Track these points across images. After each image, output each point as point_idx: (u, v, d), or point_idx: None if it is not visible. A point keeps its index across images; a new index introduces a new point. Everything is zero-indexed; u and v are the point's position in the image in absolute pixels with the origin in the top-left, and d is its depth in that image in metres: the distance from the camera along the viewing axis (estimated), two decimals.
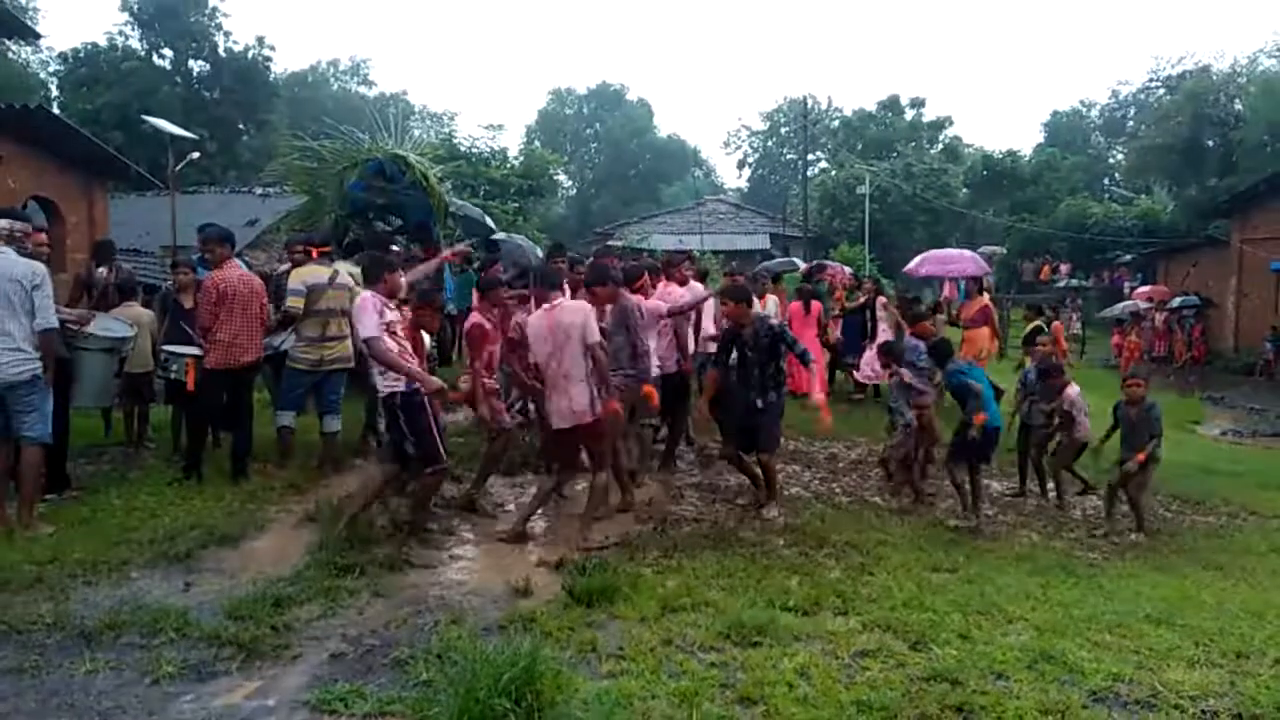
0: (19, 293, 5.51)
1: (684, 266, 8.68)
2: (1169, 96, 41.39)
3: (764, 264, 16.42)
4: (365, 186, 10.33)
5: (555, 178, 35.75)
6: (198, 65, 39.58)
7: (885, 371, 8.09)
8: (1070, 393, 8.27)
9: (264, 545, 5.61)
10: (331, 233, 9.51)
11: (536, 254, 12.56)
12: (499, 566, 5.36)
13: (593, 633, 4.25)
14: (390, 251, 8.40)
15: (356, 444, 7.96)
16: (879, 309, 12.46)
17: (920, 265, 19.24)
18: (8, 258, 5.57)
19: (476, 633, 4.19)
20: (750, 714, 3.58)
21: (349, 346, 7.28)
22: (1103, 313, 28.30)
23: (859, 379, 12.45)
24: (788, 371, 7.37)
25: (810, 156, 50.28)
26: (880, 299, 12.63)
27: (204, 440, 7.23)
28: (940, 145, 50.65)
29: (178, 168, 17.50)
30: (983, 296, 12.31)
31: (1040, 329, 11.15)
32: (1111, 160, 55.97)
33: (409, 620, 4.45)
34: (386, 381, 5.59)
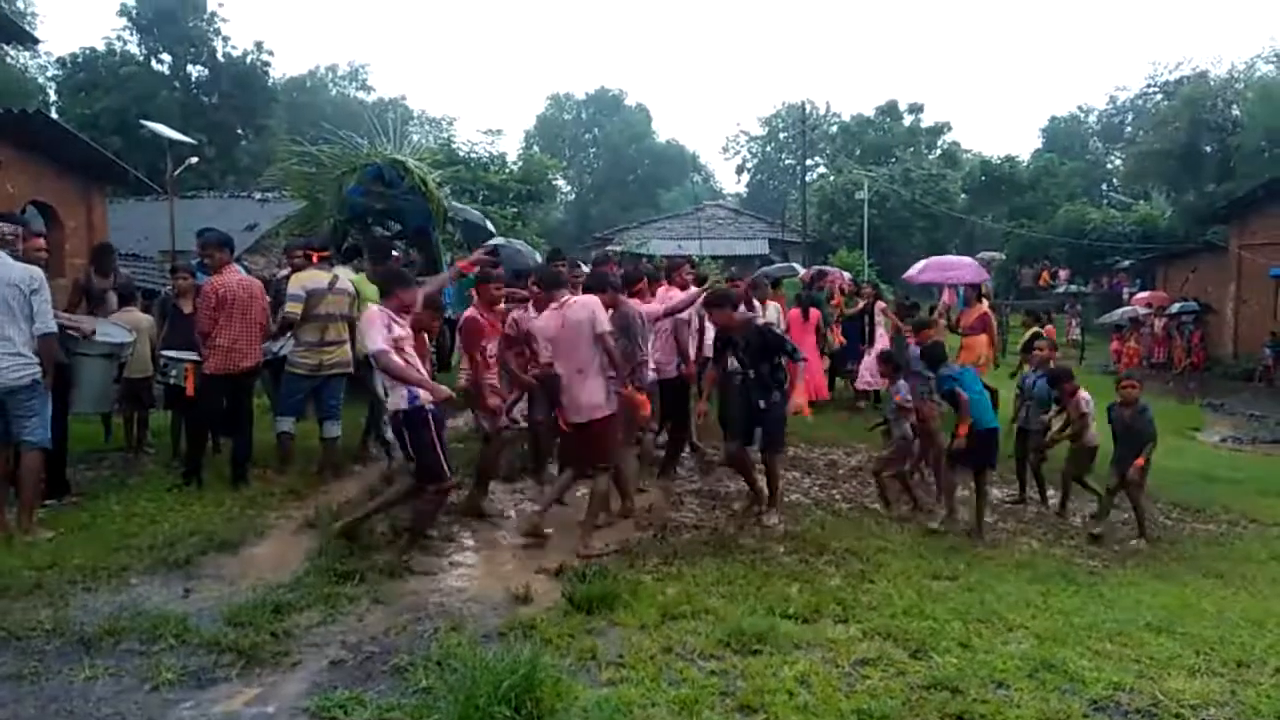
0: (18, 298, 5.50)
1: (684, 270, 8.66)
2: (1167, 102, 41.56)
3: (763, 269, 16.41)
4: (364, 191, 10.33)
5: (554, 183, 35.75)
6: (196, 70, 39.64)
7: (884, 380, 8.06)
8: (1081, 397, 8.26)
9: (264, 551, 5.60)
10: (330, 238, 9.50)
11: (535, 258, 12.58)
12: (499, 573, 5.35)
13: (593, 640, 4.24)
14: (390, 257, 8.40)
15: (356, 450, 7.96)
16: (877, 314, 12.47)
17: (920, 272, 19.18)
18: (3, 262, 5.56)
19: (476, 640, 4.18)
20: None
21: (348, 351, 7.29)
22: (1102, 318, 28.32)
23: (858, 386, 12.44)
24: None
25: (809, 162, 50.43)
26: (879, 304, 12.64)
27: (203, 446, 7.24)
28: (939, 151, 50.82)
29: (176, 172, 17.50)
30: (982, 304, 12.31)
31: (1038, 335, 11.16)
32: (1110, 166, 56.17)
33: (409, 627, 4.44)
34: (393, 399, 5.52)
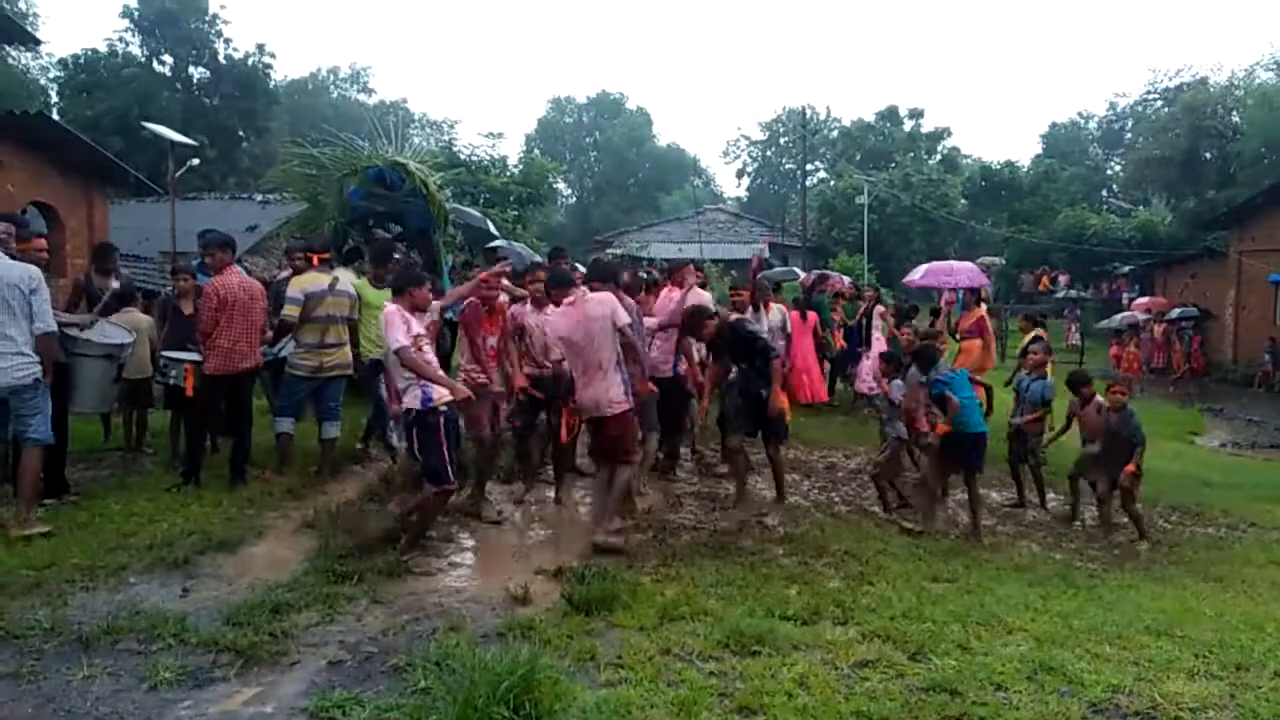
0: (18, 297, 5.53)
1: (686, 271, 8.57)
2: (1166, 109, 41.66)
3: (764, 273, 16.40)
4: (365, 194, 10.35)
5: (554, 186, 35.77)
6: (198, 72, 39.71)
7: (884, 380, 8.07)
8: (1098, 403, 8.24)
9: (262, 551, 5.60)
10: (331, 240, 9.51)
11: (535, 260, 12.57)
12: (497, 574, 5.33)
13: (591, 641, 4.24)
14: (392, 259, 8.40)
15: (355, 451, 7.96)
16: (875, 318, 12.47)
17: (919, 276, 19.20)
18: (2, 262, 5.59)
19: (475, 640, 4.17)
20: None
21: (348, 353, 7.30)
22: (1101, 323, 28.35)
23: (858, 390, 12.44)
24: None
25: (809, 166, 50.48)
26: (878, 308, 12.64)
27: (202, 446, 7.24)
28: (939, 156, 50.91)
29: (177, 174, 17.52)
30: (979, 308, 12.28)
31: (1038, 339, 11.14)
32: (1109, 172, 56.27)
33: (407, 627, 4.44)
34: (407, 398, 5.49)
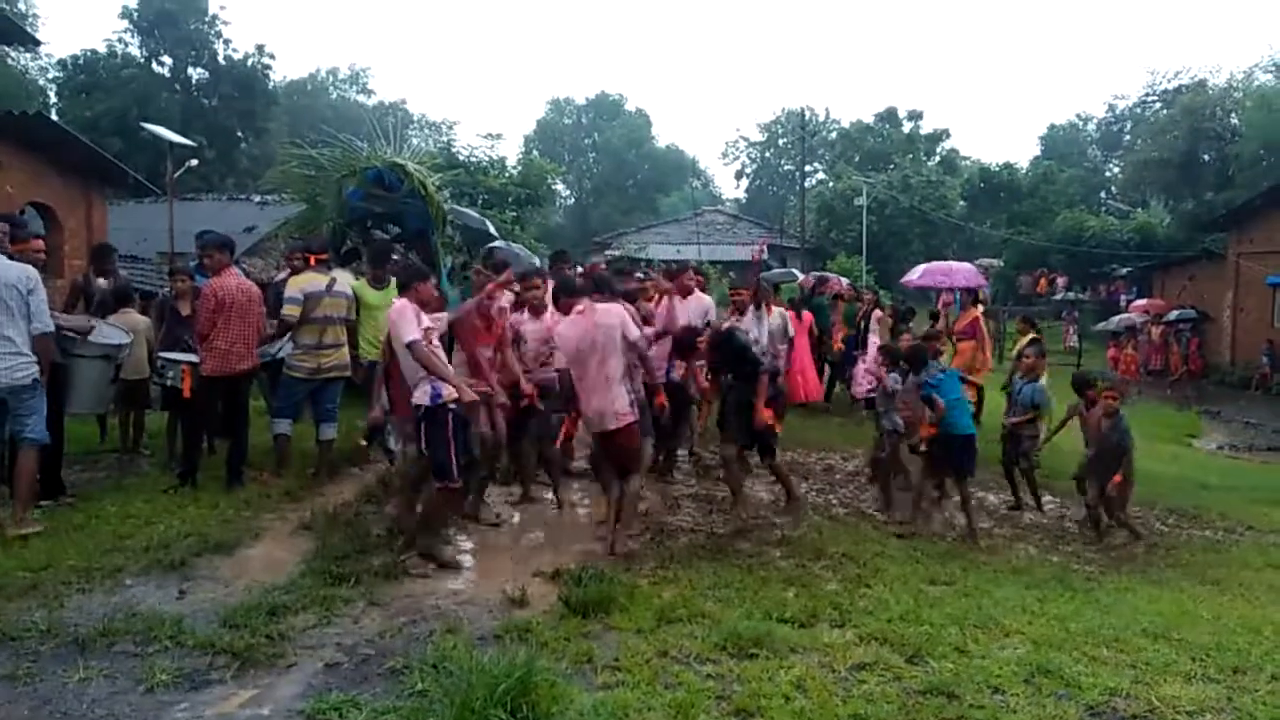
0: (16, 298, 5.54)
1: (686, 276, 8.58)
2: (1165, 111, 41.68)
3: (763, 274, 16.40)
4: (364, 195, 10.34)
5: (553, 187, 35.74)
6: (197, 73, 39.69)
7: (883, 371, 8.09)
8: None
9: (259, 553, 5.59)
10: (330, 240, 9.50)
11: (534, 262, 12.58)
12: (495, 576, 5.33)
13: (589, 643, 4.23)
14: (391, 259, 8.40)
15: (353, 452, 7.96)
16: (873, 322, 12.46)
17: (917, 276, 19.23)
18: (0, 262, 5.59)
19: (472, 643, 4.16)
20: None
21: (346, 354, 7.30)
22: (1099, 325, 28.39)
23: (855, 394, 12.45)
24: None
25: (808, 168, 50.54)
26: (876, 313, 12.62)
27: (200, 447, 7.25)
28: (937, 157, 50.94)
29: (176, 174, 17.52)
30: (975, 309, 12.24)
31: (1036, 341, 11.12)
32: (1108, 174, 56.31)
33: (404, 630, 4.43)
34: (417, 394, 5.45)
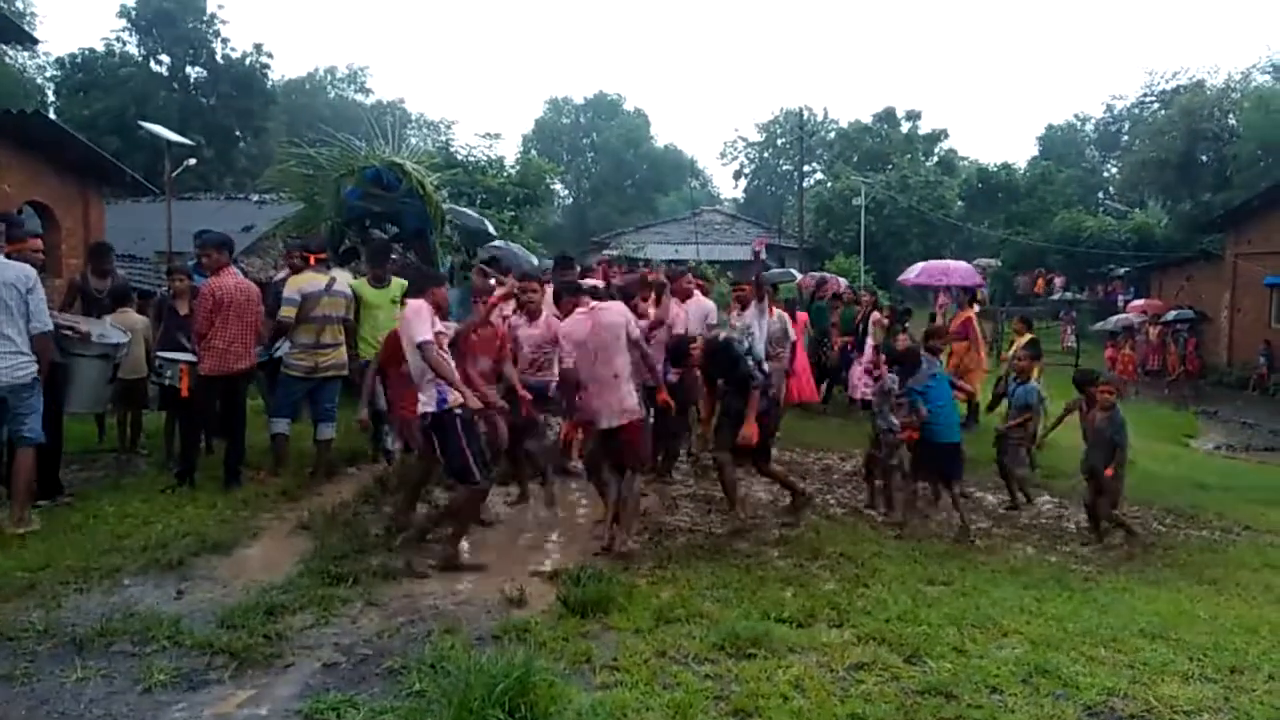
0: (15, 297, 5.55)
1: (685, 279, 8.60)
2: (1163, 111, 41.72)
3: (763, 274, 16.40)
4: (362, 194, 10.32)
5: (552, 187, 35.72)
6: (195, 72, 39.69)
7: (884, 369, 8.09)
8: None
9: (257, 553, 5.59)
10: (328, 240, 9.49)
11: (531, 262, 12.59)
12: (493, 576, 5.33)
13: (587, 643, 4.23)
14: (390, 258, 8.41)
15: (350, 452, 7.95)
16: (870, 324, 12.46)
17: (915, 275, 19.29)
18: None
19: (470, 643, 4.16)
20: None
21: (344, 354, 7.29)
22: (1096, 325, 28.42)
23: (852, 395, 12.46)
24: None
25: (806, 168, 50.59)
26: (874, 314, 12.63)
27: (197, 447, 7.24)
28: (936, 158, 50.94)
29: (174, 173, 17.51)
30: (969, 310, 12.22)
31: (1035, 342, 11.13)
32: (1106, 174, 56.36)
33: (402, 630, 4.43)
34: (423, 400, 5.41)
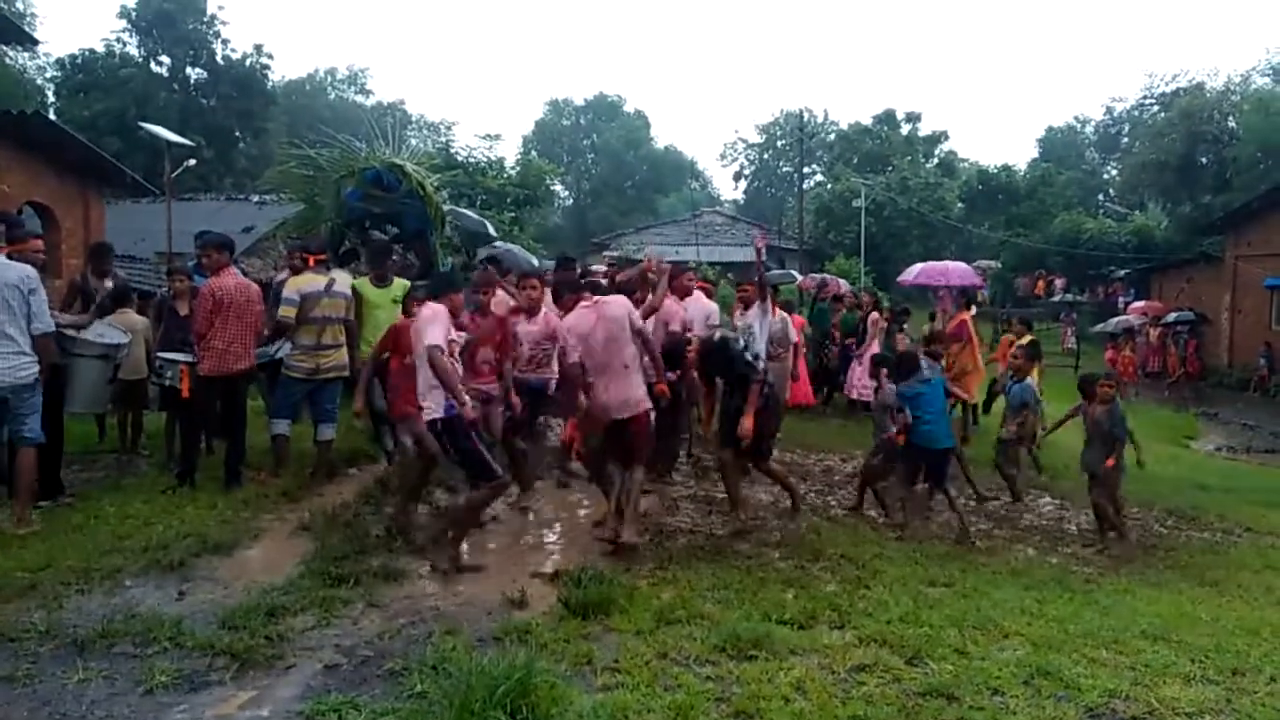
0: (17, 297, 5.56)
1: (686, 277, 8.63)
2: (1163, 113, 41.71)
3: (765, 274, 16.40)
4: (362, 195, 10.32)
5: (552, 188, 35.77)
6: (195, 72, 39.73)
7: (883, 377, 8.09)
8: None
9: (258, 554, 5.58)
10: (328, 241, 9.50)
11: (532, 263, 12.61)
12: (494, 578, 5.33)
13: (588, 645, 4.23)
14: (390, 258, 8.42)
15: (351, 453, 7.95)
16: (869, 325, 12.46)
17: (913, 275, 19.38)
18: (1, 262, 5.60)
19: (471, 644, 4.16)
20: None
21: (344, 355, 7.27)
22: (1097, 327, 28.43)
23: (850, 396, 12.46)
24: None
25: (806, 169, 50.61)
26: (873, 315, 12.63)
27: (198, 448, 7.23)
28: (936, 159, 50.95)
29: (174, 174, 17.50)
30: (965, 312, 12.18)
31: (1035, 344, 11.11)
32: (1106, 176, 56.37)
33: (403, 631, 4.42)
34: (430, 405, 5.41)
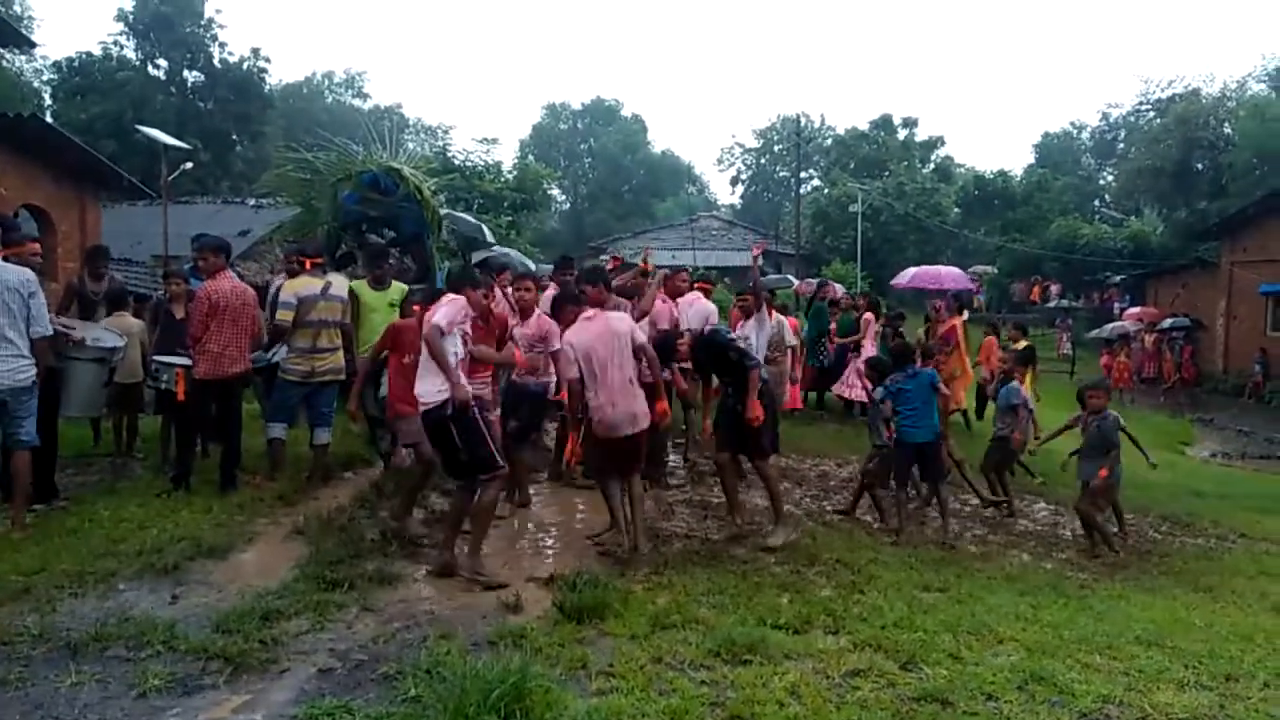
0: (17, 300, 5.57)
1: (679, 278, 8.66)
2: (1159, 119, 41.89)
3: (760, 281, 16.45)
4: (359, 198, 10.32)
5: (549, 192, 35.83)
6: (192, 76, 39.73)
7: (867, 383, 8.11)
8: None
9: (252, 558, 5.57)
10: (325, 244, 9.49)
11: (528, 267, 12.60)
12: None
13: (583, 649, 4.23)
14: (388, 260, 8.43)
15: (346, 457, 7.94)
16: (862, 325, 12.48)
17: (907, 279, 19.53)
18: (1, 265, 5.61)
19: (466, 648, 4.15)
20: None
21: (341, 358, 7.27)
22: (1092, 333, 28.49)
23: (839, 394, 12.49)
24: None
25: (803, 174, 50.70)
26: (867, 315, 12.65)
27: (193, 451, 7.22)
28: (932, 165, 51.07)
29: (171, 177, 17.51)
30: (956, 317, 12.18)
31: (1031, 349, 11.14)
32: (1102, 182, 56.53)
33: (398, 635, 4.42)
34: (424, 400, 5.36)
